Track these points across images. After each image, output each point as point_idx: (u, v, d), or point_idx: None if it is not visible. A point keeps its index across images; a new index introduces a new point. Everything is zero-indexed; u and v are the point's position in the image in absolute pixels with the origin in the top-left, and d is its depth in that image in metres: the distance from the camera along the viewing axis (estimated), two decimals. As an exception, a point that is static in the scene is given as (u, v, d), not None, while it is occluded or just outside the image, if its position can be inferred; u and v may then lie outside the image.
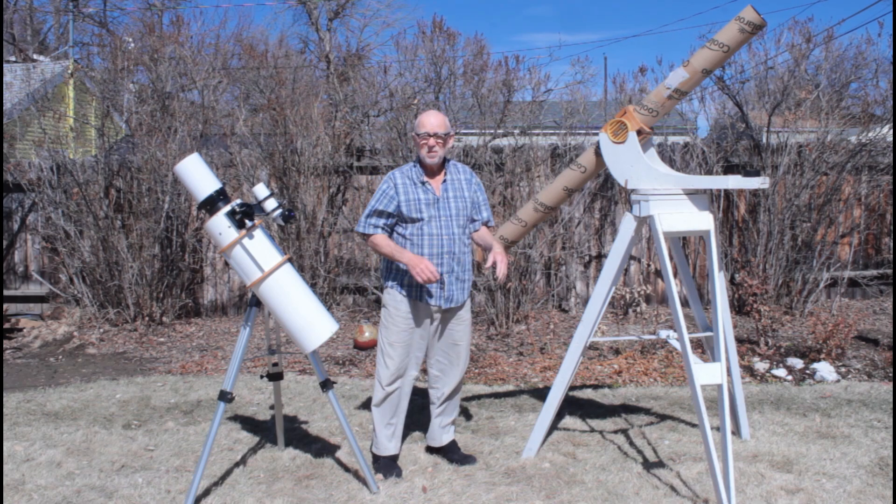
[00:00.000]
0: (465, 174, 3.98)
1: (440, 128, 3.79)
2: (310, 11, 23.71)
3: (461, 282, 3.89)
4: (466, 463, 4.01)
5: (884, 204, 8.34)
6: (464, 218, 3.89)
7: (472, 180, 3.99)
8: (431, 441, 4.15)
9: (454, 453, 4.09)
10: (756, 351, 6.24)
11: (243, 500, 3.67)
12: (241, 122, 8.16)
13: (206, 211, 3.44)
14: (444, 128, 3.81)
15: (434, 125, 3.79)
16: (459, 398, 4.18)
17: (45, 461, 4.20)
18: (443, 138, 3.80)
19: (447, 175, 3.90)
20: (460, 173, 3.96)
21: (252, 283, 3.48)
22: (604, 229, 8.24)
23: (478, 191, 4.00)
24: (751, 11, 3.49)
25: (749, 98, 8.11)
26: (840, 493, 3.59)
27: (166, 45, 8.57)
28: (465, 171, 4.00)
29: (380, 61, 11.84)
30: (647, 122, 3.85)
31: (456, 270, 3.86)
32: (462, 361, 4.01)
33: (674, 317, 3.65)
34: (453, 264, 3.84)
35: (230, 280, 8.47)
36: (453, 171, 3.93)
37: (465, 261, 3.92)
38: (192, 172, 3.45)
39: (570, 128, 8.06)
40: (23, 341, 7.52)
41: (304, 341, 3.50)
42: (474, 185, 3.98)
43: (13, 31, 20.30)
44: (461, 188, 3.91)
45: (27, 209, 8.48)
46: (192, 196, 3.50)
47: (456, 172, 3.94)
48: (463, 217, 3.88)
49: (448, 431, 4.14)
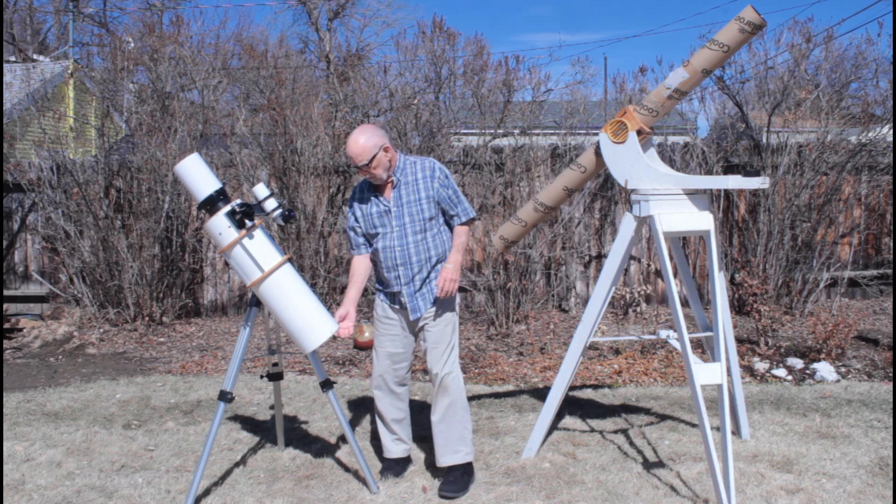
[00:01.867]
0: (424, 171, 3.66)
1: (359, 158, 3.53)
2: (310, 11, 23.72)
3: (423, 290, 3.68)
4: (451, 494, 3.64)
5: (884, 204, 8.34)
6: (420, 222, 3.64)
7: (434, 175, 3.65)
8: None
9: (447, 484, 3.69)
10: (756, 351, 6.24)
11: (243, 500, 3.67)
12: (241, 122, 8.16)
13: (206, 211, 3.44)
14: (363, 156, 3.53)
15: (353, 157, 3.55)
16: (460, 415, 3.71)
17: (45, 461, 4.20)
18: (367, 167, 3.55)
19: (398, 180, 3.65)
20: (417, 172, 3.66)
21: (252, 283, 3.47)
22: (604, 229, 8.24)
23: (442, 186, 3.66)
24: (751, 11, 3.49)
25: (749, 98, 8.12)
26: (840, 493, 3.59)
27: (166, 45, 8.57)
28: (424, 169, 3.66)
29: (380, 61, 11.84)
30: (647, 122, 3.85)
31: (416, 281, 3.66)
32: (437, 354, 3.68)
33: (674, 317, 3.65)
34: (411, 275, 3.66)
35: (230, 280, 8.47)
36: (408, 174, 3.66)
37: (426, 266, 3.67)
38: (192, 172, 3.45)
39: (570, 128, 8.06)
40: (23, 341, 7.52)
41: (304, 341, 3.50)
42: (437, 180, 3.65)
43: (13, 31, 20.29)
44: (416, 190, 3.64)
45: (27, 209, 8.48)
46: (192, 196, 3.49)
47: (412, 174, 3.66)
48: (419, 222, 3.64)
49: (447, 453, 3.71)
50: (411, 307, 3.70)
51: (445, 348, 3.70)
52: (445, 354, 3.70)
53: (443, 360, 3.69)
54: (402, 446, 3.92)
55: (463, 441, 3.73)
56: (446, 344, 3.70)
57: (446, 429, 3.71)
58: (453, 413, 3.70)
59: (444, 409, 3.70)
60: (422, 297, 3.70)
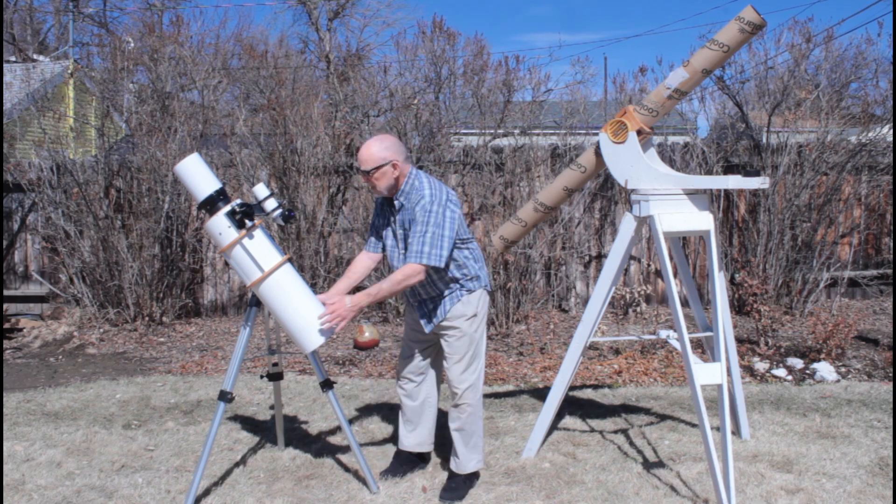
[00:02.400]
0: (417, 201, 3.51)
1: (365, 163, 3.50)
2: (310, 11, 23.72)
3: (428, 307, 3.65)
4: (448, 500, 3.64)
5: (884, 204, 8.34)
6: None
7: (418, 208, 3.48)
8: None
9: (446, 490, 3.70)
10: (756, 351, 6.24)
11: (243, 500, 3.67)
12: (241, 122, 8.16)
13: (206, 211, 3.44)
14: (369, 163, 3.49)
15: (360, 160, 3.54)
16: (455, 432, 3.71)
17: (45, 461, 4.20)
18: (368, 174, 3.51)
19: (401, 205, 3.57)
20: (416, 205, 3.51)
21: (252, 283, 3.47)
22: (604, 229, 8.24)
23: (422, 212, 3.47)
24: (751, 11, 3.49)
25: (749, 98, 8.12)
26: (840, 493, 3.59)
27: (166, 45, 8.57)
28: (417, 199, 3.51)
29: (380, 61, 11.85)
30: (647, 122, 3.85)
31: (412, 299, 3.68)
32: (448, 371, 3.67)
33: (674, 317, 3.65)
34: (409, 293, 3.68)
35: (230, 280, 8.47)
36: (412, 201, 3.53)
37: (429, 290, 3.60)
38: (192, 172, 3.44)
39: (570, 128, 8.06)
40: (23, 341, 7.52)
41: (304, 341, 3.48)
42: (418, 213, 3.47)
43: (13, 31, 20.30)
44: (414, 222, 3.53)
45: (27, 209, 8.48)
46: (192, 196, 3.49)
47: (411, 197, 3.55)
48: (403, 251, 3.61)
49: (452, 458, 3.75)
50: (423, 323, 3.70)
51: (458, 361, 3.65)
52: (458, 368, 3.65)
53: (453, 373, 3.66)
54: (415, 439, 3.91)
55: (475, 449, 3.73)
56: (459, 356, 3.65)
57: (458, 437, 3.72)
58: (460, 427, 3.71)
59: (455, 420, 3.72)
60: (421, 311, 3.68)
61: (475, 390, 3.69)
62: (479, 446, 3.76)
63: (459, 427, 3.69)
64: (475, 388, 3.69)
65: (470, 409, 3.67)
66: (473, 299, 3.64)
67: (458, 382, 3.65)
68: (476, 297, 3.65)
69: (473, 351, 3.67)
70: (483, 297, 3.70)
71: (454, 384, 3.66)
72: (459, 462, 3.70)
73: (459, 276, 3.62)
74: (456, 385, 3.66)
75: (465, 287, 3.63)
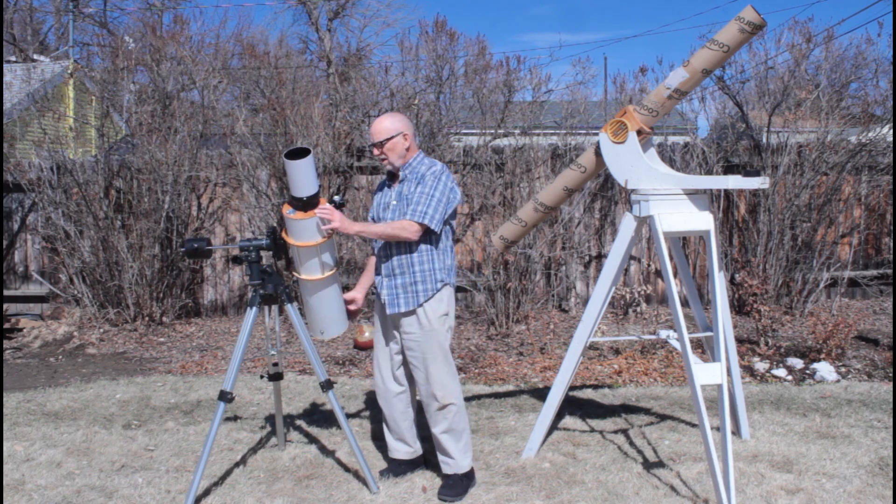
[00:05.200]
0: (424, 168, 3.64)
1: (376, 135, 3.62)
2: (310, 11, 23.70)
3: (397, 287, 3.63)
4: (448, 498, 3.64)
5: (884, 204, 8.34)
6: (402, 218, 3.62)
7: (428, 172, 3.60)
8: None
9: (445, 488, 3.69)
10: (756, 351, 6.24)
11: (243, 500, 3.67)
12: (241, 122, 8.15)
13: (301, 207, 3.52)
14: (381, 134, 3.60)
15: (372, 133, 3.65)
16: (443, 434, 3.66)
17: (45, 461, 4.20)
18: (380, 145, 3.61)
19: (405, 176, 3.66)
20: (423, 167, 3.64)
21: (316, 278, 3.67)
22: (604, 229, 8.24)
23: (421, 182, 3.58)
24: (751, 11, 3.49)
25: (749, 98, 8.12)
26: (840, 493, 3.59)
27: (167, 45, 8.57)
28: (424, 167, 3.64)
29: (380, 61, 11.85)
30: (647, 122, 3.85)
31: (384, 273, 3.68)
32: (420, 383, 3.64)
33: (674, 317, 3.66)
34: (382, 266, 3.69)
35: (230, 280, 8.47)
36: (416, 174, 3.63)
37: (405, 264, 3.61)
38: (303, 170, 3.52)
39: (571, 128, 8.07)
40: (23, 341, 7.52)
41: (330, 329, 3.83)
42: (428, 177, 3.58)
43: (13, 31, 20.30)
44: (411, 189, 3.61)
45: (27, 209, 8.48)
46: (294, 189, 3.53)
47: (417, 170, 3.64)
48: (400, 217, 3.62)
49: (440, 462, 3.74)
50: (383, 298, 3.69)
51: (434, 362, 3.61)
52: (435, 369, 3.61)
53: (432, 375, 3.62)
54: (403, 447, 3.91)
55: (467, 447, 3.71)
56: (433, 357, 3.61)
57: (447, 438, 3.69)
58: (449, 428, 3.68)
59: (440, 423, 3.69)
60: (393, 292, 3.64)
61: (456, 387, 3.68)
62: (470, 443, 3.74)
63: (448, 429, 3.65)
64: (456, 385, 3.67)
65: (455, 407, 3.66)
66: (444, 297, 3.66)
67: (439, 384, 3.61)
68: (446, 294, 3.67)
69: (446, 348, 3.66)
70: (451, 295, 3.72)
71: (435, 387, 3.62)
72: (455, 462, 3.68)
73: (430, 268, 3.61)
74: (436, 387, 3.61)
75: (439, 278, 3.63)
